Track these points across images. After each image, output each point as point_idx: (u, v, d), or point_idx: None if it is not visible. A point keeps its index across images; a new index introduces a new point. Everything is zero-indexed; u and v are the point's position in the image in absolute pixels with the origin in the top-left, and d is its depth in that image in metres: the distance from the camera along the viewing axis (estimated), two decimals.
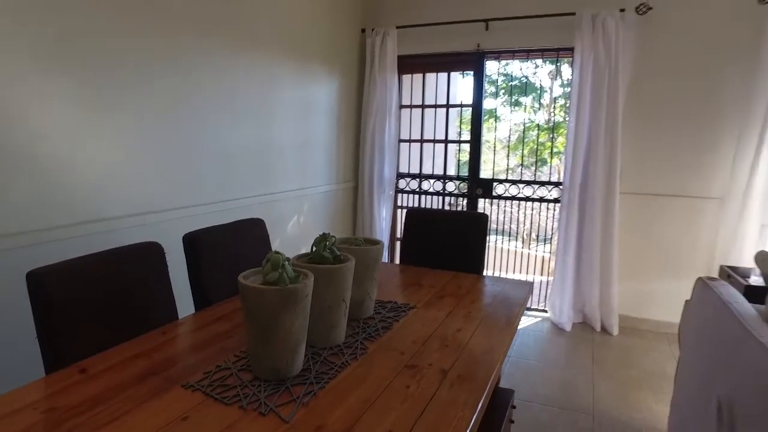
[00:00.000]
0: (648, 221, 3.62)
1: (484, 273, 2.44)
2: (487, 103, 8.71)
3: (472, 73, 4.11)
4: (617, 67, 3.39)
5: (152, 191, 2.35)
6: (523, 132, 8.76)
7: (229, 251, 1.96)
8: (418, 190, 4.41)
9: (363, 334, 1.54)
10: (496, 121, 8.04)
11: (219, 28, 2.65)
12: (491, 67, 4.73)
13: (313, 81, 3.61)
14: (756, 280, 2.56)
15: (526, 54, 3.96)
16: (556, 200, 3.97)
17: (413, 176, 4.42)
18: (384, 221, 4.29)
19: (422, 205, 4.47)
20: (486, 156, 7.62)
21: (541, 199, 4.08)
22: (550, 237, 6.22)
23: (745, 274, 2.70)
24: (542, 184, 4.08)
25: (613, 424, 2.46)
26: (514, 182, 4.14)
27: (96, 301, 1.46)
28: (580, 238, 3.67)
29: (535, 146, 7.55)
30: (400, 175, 4.38)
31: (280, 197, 3.30)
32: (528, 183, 4.14)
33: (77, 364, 1.30)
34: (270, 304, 1.17)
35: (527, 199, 4.12)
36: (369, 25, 4.12)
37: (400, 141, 4.32)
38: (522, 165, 10.03)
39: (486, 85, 4.15)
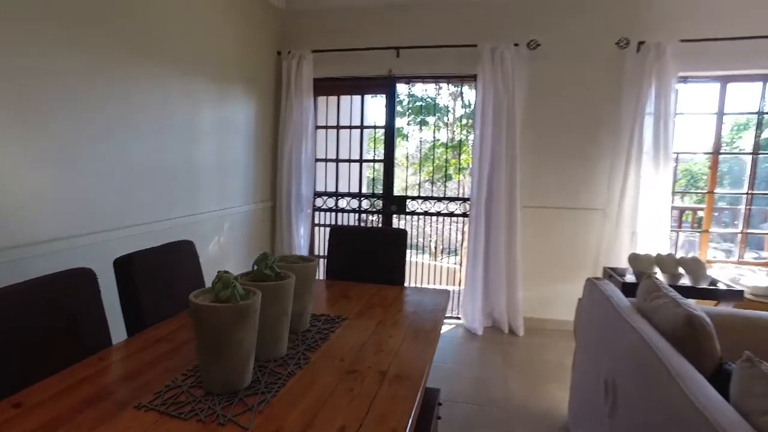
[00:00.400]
0: (545, 231, 4.06)
1: (405, 284, 2.63)
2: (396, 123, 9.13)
3: (384, 95, 4.36)
4: (514, 93, 3.80)
5: (69, 215, 2.27)
6: (432, 149, 9.27)
7: (163, 274, 1.96)
8: (334, 207, 4.55)
9: (303, 345, 1.64)
10: (403, 140, 8.42)
11: (139, 50, 2.63)
12: (400, 89, 5.03)
13: (232, 102, 3.64)
14: (630, 278, 3.00)
15: (435, 79, 4.29)
16: (464, 214, 4.30)
17: (330, 194, 4.56)
18: (302, 239, 4.37)
19: (339, 222, 4.61)
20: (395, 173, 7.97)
21: (451, 214, 4.40)
22: (455, 249, 6.63)
23: (622, 273, 3.15)
24: (451, 200, 4.40)
25: (524, 413, 2.74)
26: (425, 199, 4.43)
27: (26, 330, 1.43)
28: (487, 249, 4.02)
29: (441, 163, 7.99)
30: (317, 194, 4.49)
31: (201, 218, 3.28)
32: (438, 199, 4.44)
33: (9, 398, 1.26)
34: (223, 321, 1.25)
35: (438, 214, 4.42)
36: (285, 48, 4.23)
37: (317, 160, 4.44)
38: (430, 181, 10.56)
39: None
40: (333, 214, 4.59)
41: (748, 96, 4.02)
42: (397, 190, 4.93)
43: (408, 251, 6.31)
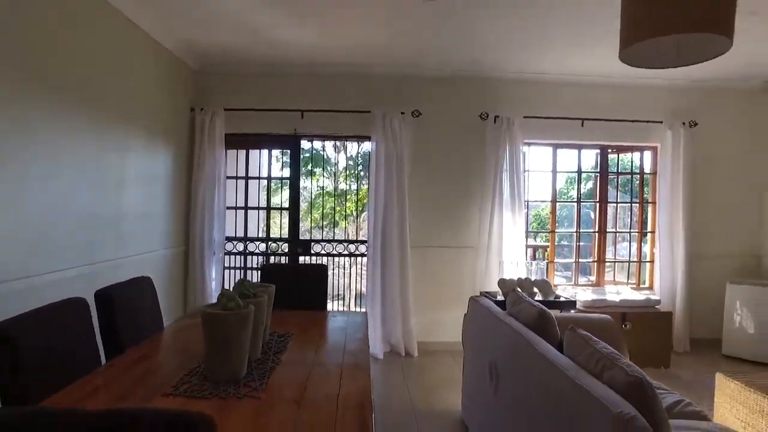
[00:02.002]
0: (431, 266, 4.83)
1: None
2: (286, 173, 9.64)
3: (289, 151, 4.91)
4: (402, 152, 4.60)
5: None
6: (321, 197, 9.86)
7: (132, 305, 2.26)
8: (244, 251, 4.89)
9: (271, 350, 2.09)
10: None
11: (61, 102, 2.89)
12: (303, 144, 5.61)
13: (152, 152, 3.91)
14: (500, 297, 3.83)
15: (334, 138, 4.95)
16: (363, 254, 4.92)
17: (239, 239, 4.91)
18: (214, 282, 4.63)
19: (248, 265, 4.95)
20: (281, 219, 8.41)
21: (351, 254, 5.00)
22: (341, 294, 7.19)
23: (494, 295, 3.97)
24: (351, 242, 5.01)
25: (425, 415, 3.34)
26: (328, 241, 4.98)
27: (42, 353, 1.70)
28: (384, 284, 4.65)
29: (327, 211, 8.60)
30: (228, 239, 4.81)
31: (125, 261, 3.47)
32: (339, 242, 5.02)
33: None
34: (231, 325, 1.69)
35: (340, 255, 4.99)
36: (198, 105, 4.61)
37: (227, 208, 4.79)
38: (318, 227, 11.12)
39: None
40: (242, 257, 4.92)
41: (572, 158, 5.29)
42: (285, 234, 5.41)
43: None
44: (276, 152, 5.89)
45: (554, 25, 3.63)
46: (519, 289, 3.72)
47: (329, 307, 6.11)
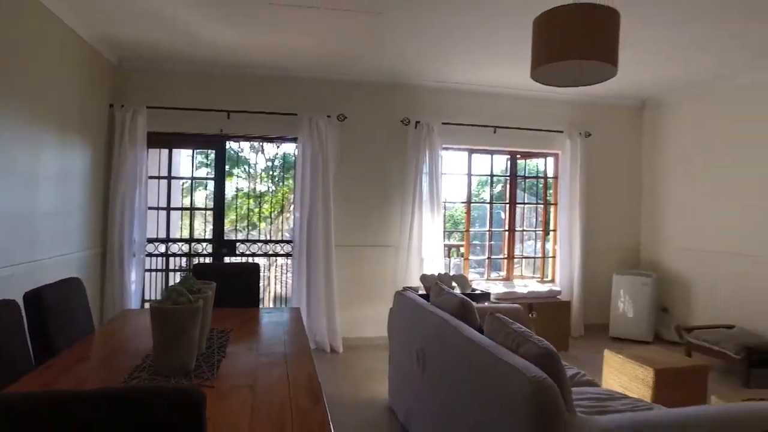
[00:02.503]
0: (356, 265, 5.02)
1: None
2: (199, 173, 9.39)
3: (215, 151, 4.88)
4: (328, 154, 4.75)
5: None
6: (235, 199, 9.70)
7: (63, 306, 2.23)
8: (166, 252, 4.78)
9: (216, 343, 2.17)
10: (204, 189, 8.72)
11: None
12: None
13: (68, 149, 3.73)
14: (422, 292, 4.11)
15: (261, 139, 4.99)
16: (288, 254, 5.01)
17: (161, 240, 4.79)
18: (134, 284, 4.49)
19: (170, 267, 4.84)
20: (205, 220, 8.21)
21: (276, 254, 5.06)
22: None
23: (416, 290, 4.25)
24: (277, 242, 5.08)
25: (353, 404, 3.53)
26: (254, 242, 5.01)
27: None
28: (309, 282, 4.76)
29: (243, 212, 8.51)
30: (149, 240, 4.67)
31: (39, 265, 3.30)
32: (266, 242, 5.07)
33: None
34: (184, 318, 1.76)
35: (265, 254, 5.03)
36: (118, 102, 4.43)
37: (149, 208, 4.65)
38: (234, 229, 10.89)
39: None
40: (164, 259, 4.80)
41: (485, 163, 5.74)
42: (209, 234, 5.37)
43: None
44: (200, 152, 5.79)
45: (472, 41, 3.95)
46: (439, 284, 4.02)
47: None
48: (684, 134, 5.38)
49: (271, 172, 9.35)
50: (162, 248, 4.78)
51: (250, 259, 4.93)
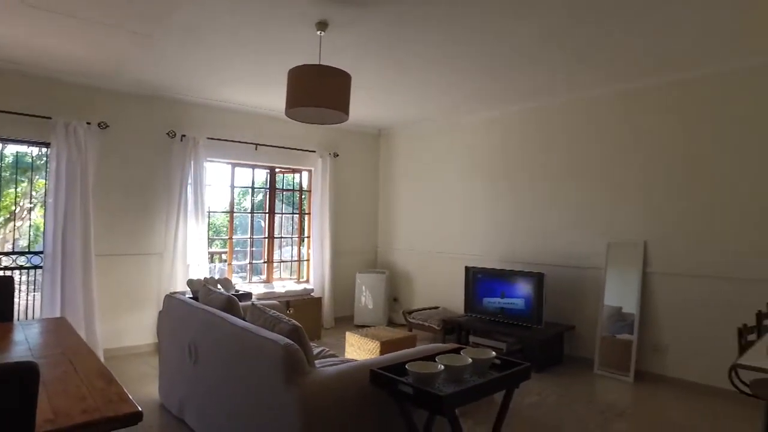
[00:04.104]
0: (119, 274, 4.97)
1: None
2: None
3: None
4: (87, 162, 4.61)
5: None
6: None
7: None
8: None
9: None
10: None
11: None
12: None
13: None
14: (189, 295, 4.43)
15: (3, 142, 4.50)
16: (37, 267, 4.65)
17: None
18: None
19: None
20: None
21: (21, 267, 4.65)
22: None
23: (183, 294, 4.53)
24: (22, 254, 4.66)
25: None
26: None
27: None
28: (64, 295, 4.53)
29: None
30: None
31: None
32: (7, 254, 4.60)
33: None
34: None
35: (8, 268, 4.56)
36: None
37: None
38: None
39: None
40: None
41: (247, 175, 6.28)
42: None
43: None
44: None
45: (237, 65, 4.31)
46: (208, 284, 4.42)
47: None
48: (408, 157, 6.91)
49: None
50: None
51: None
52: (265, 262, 6.35)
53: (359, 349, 4.50)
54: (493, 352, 2.31)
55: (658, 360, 4.41)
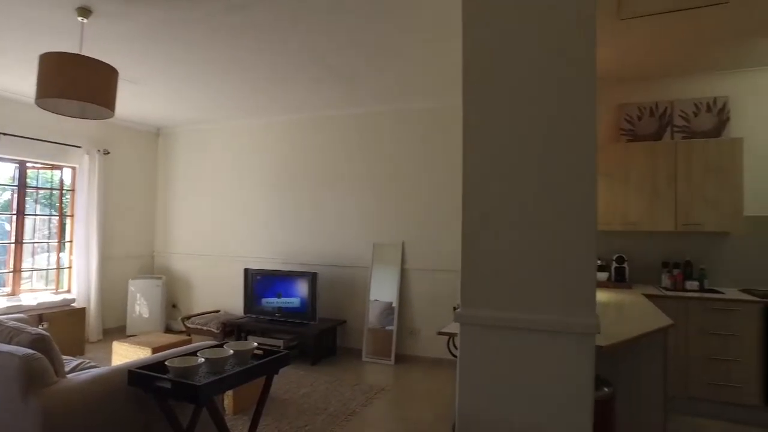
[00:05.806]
0: None
1: None
2: None
3: None
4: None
5: None
6: None
7: None
8: None
9: None
10: None
11: None
12: None
13: None
14: None
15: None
16: None
17: None
18: None
19: None
20: None
21: None
22: None
23: None
24: None
25: None
26: None
27: None
28: None
29: None
30: None
31: None
32: None
33: None
34: None
35: None
36: None
37: None
38: None
39: None
40: None
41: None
42: None
43: None
44: None
45: None
46: None
47: None
48: (189, 158, 6.69)
49: None
50: None
51: None
52: (10, 272, 5.44)
53: (129, 359, 4.24)
54: (255, 343, 2.51)
55: (413, 343, 5.19)
